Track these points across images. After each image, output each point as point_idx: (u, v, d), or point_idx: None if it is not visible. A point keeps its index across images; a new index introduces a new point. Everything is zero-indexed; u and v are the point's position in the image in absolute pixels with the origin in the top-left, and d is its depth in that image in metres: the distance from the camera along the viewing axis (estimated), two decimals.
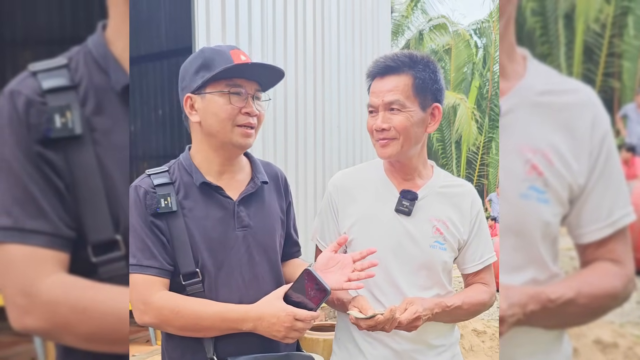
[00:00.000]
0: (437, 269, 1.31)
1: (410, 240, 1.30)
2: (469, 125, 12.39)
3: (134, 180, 1.20)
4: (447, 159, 13.28)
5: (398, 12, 13.72)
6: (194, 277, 1.16)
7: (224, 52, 1.17)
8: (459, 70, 13.43)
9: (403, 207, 1.30)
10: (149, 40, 6.11)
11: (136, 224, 1.15)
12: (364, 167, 1.46)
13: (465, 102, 12.51)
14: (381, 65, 1.29)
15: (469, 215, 1.34)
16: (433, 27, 13.56)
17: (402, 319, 1.17)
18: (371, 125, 1.30)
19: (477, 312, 1.35)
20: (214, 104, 1.16)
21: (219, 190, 1.21)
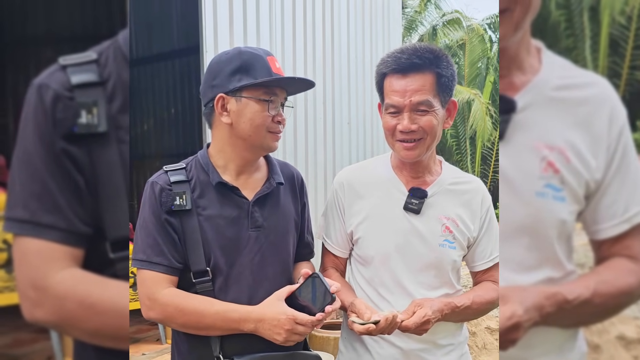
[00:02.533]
0: (446, 268, 1.29)
1: (419, 239, 1.28)
2: (483, 121, 12.23)
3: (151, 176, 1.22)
4: (461, 154, 13.14)
5: (411, 8, 13.59)
6: (204, 275, 1.17)
7: (262, 58, 1.18)
8: (473, 66, 13.26)
9: (412, 205, 1.28)
10: (161, 39, 6.15)
11: (148, 220, 1.16)
12: (370, 163, 1.43)
13: (480, 98, 12.35)
14: (404, 62, 1.21)
15: (479, 213, 1.31)
16: (447, 22, 13.41)
17: (410, 324, 1.14)
18: (393, 126, 1.24)
19: (487, 311, 1.32)
20: (250, 110, 1.17)
21: (234, 190, 1.21)
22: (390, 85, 1.23)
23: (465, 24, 13.38)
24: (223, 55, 1.22)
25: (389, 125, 1.25)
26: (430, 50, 1.22)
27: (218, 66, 1.21)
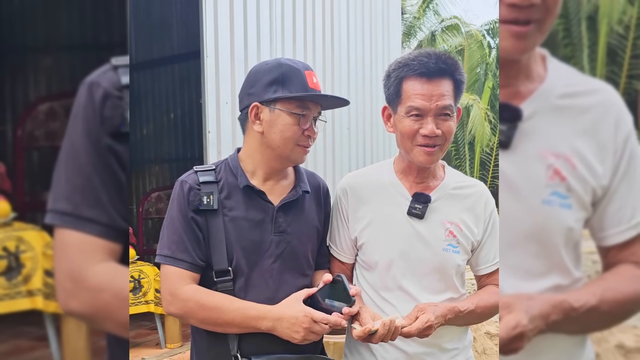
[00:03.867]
0: (450, 272, 1.29)
1: (423, 244, 1.28)
2: (482, 126, 12.26)
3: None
4: (460, 160, 13.15)
5: (410, 14, 13.65)
6: (226, 275, 1.20)
7: (300, 72, 1.22)
8: (472, 71, 13.30)
9: (415, 210, 1.28)
10: (161, 44, 6.16)
11: (175, 217, 1.20)
12: (373, 169, 1.43)
13: (479, 103, 12.39)
14: (433, 67, 1.21)
15: (482, 216, 1.31)
16: (445, 28, 13.47)
17: (413, 329, 1.14)
18: (415, 130, 1.23)
19: (491, 315, 1.32)
20: (282, 122, 1.21)
21: (261, 194, 1.25)
22: (414, 89, 1.22)
23: (464, 29, 13.43)
24: (263, 64, 1.25)
25: (411, 129, 1.23)
26: (450, 57, 1.25)
27: (257, 75, 1.24)
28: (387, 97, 1.31)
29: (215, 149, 3.28)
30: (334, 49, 4.54)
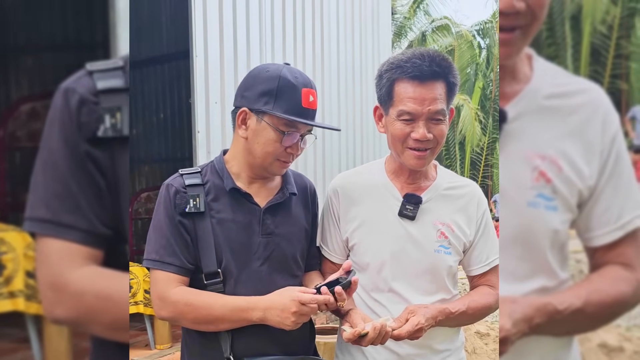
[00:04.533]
0: (442, 273, 1.29)
1: (414, 245, 1.27)
2: (472, 126, 12.35)
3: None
4: (450, 160, 13.23)
5: (400, 14, 13.70)
6: (215, 277, 1.19)
7: (296, 90, 1.18)
8: (463, 71, 13.39)
9: (407, 211, 1.27)
10: (150, 44, 6.12)
11: (162, 221, 1.19)
12: (364, 169, 1.42)
13: (469, 103, 12.47)
14: (426, 70, 1.19)
15: (475, 217, 1.31)
16: (436, 28, 13.54)
17: (403, 332, 1.14)
18: (406, 133, 1.21)
19: (483, 316, 1.32)
20: (265, 135, 1.19)
21: (247, 196, 1.24)
22: (406, 92, 1.20)
23: (454, 30, 13.52)
24: (263, 70, 1.22)
25: (402, 133, 1.22)
26: (444, 58, 1.22)
27: (255, 80, 1.22)
28: (379, 97, 1.29)
29: (205, 148, 3.27)
30: (324, 49, 4.54)
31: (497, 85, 13.33)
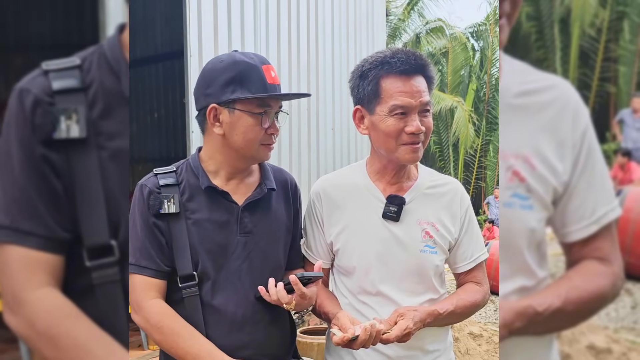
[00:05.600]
0: (429, 273, 1.28)
1: (400, 246, 1.27)
2: (466, 128, 12.40)
3: (139, 181, 1.22)
4: (444, 161, 13.28)
5: (395, 16, 13.74)
6: (190, 279, 1.16)
7: (257, 69, 1.16)
8: (456, 73, 13.46)
9: (390, 212, 1.26)
10: (145, 43, 6.10)
11: (137, 223, 1.16)
12: (345, 171, 1.41)
13: (463, 105, 12.52)
14: (414, 64, 1.20)
15: (458, 214, 1.31)
16: (430, 30, 13.60)
17: (392, 337, 1.13)
18: (400, 128, 1.20)
19: (471, 313, 1.32)
20: (244, 124, 1.16)
21: (224, 194, 1.20)
22: (396, 86, 1.20)
23: (448, 32, 13.57)
24: (217, 62, 1.19)
25: (396, 128, 1.20)
26: (421, 55, 1.25)
27: (212, 74, 1.18)
28: (360, 97, 1.27)
29: None
30: (318, 50, 4.55)
31: (491, 87, 13.40)
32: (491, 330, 4.25)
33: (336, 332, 1.15)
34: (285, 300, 1.14)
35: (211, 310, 1.17)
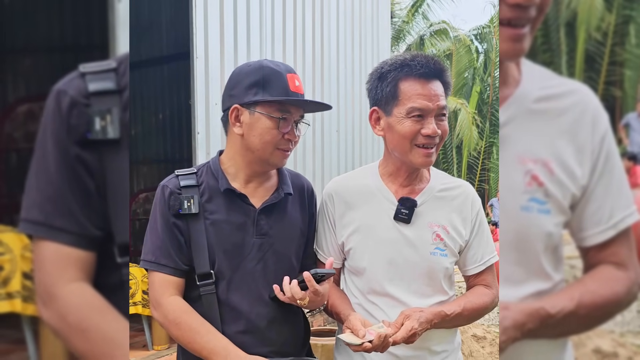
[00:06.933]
0: (438, 276, 1.29)
1: (410, 248, 1.28)
2: (470, 130, 12.39)
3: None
4: (448, 163, 13.27)
5: (399, 18, 13.74)
6: (208, 278, 1.20)
7: (282, 75, 1.20)
8: (460, 76, 13.45)
9: (402, 215, 1.28)
10: (150, 45, 6.12)
11: (157, 222, 1.21)
12: (358, 173, 1.42)
13: (466, 107, 12.52)
14: (433, 67, 1.23)
15: (469, 217, 1.32)
16: (434, 32, 13.59)
17: (398, 338, 1.14)
18: (416, 130, 1.22)
19: (480, 316, 1.33)
20: (262, 125, 1.20)
21: (242, 197, 1.24)
22: (415, 89, 1.22)
23: (452, 34, 13.57)
24: (245, 66, 1.25)
25: (412, 130, 1.22)
26: (439, 60, 1.27)
27: (239, 77, 1.24)
28: (378, 98, 1.28)
29: (204, 150, 3.28)
30: (323, 52, 4.56)
31: (495, 89, 13.39)
32: (494, 332, 4.23)
33: (346, 338, 1.15)
34: (299, 296, 1.16)
35: (227, 309, 1.21)
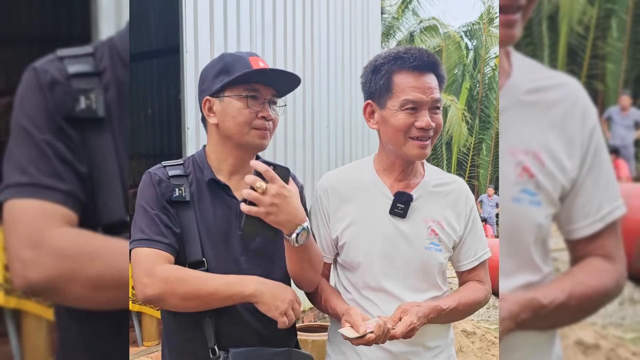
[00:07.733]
0: (433, 271, 1.29)
1: (405, 243, 1.28)
2: (459, 127, 12.48)
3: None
4: (437, 160, 13.34)
5: (389, 14, 13.76)
6: (200, 266, 1.18)
7: (243, 58, 1.21)
8: (450, 72, 13.51)
9: (398, 209, 1.27)
10: (139, 39, 6.08)
11: (147, 205, 1.17)
12: (353, 167, 1.42)
13: (456, 104, 12.60)
14: (427, 60, 1.23)
15: (463, 212, 1.32)
16: (424, 28, 13.65)
17: (397, 333, 1.15)
18: (410, 123, 1.22)
19: (473, 311, 1.34)
20: (232, 107, 1.20)
21: (225, 189, 1.23)
22: (408, 82, 1.22)
23: (442, 31, 13.63)
24: (209, 62, 1.27)
25: (405, 123, 1.22)
26: (433, 54, 1.27)
27: (205, 72, 1.26)
28: (372, 92, 1.28)
29: (194, 145, 3.27)
30: (314, 47, 4.56)
31: (484, 86, 13.48)
32: (484, 327, 4.29)
33: (347, 332, 1.15)
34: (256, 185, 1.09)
35: None
